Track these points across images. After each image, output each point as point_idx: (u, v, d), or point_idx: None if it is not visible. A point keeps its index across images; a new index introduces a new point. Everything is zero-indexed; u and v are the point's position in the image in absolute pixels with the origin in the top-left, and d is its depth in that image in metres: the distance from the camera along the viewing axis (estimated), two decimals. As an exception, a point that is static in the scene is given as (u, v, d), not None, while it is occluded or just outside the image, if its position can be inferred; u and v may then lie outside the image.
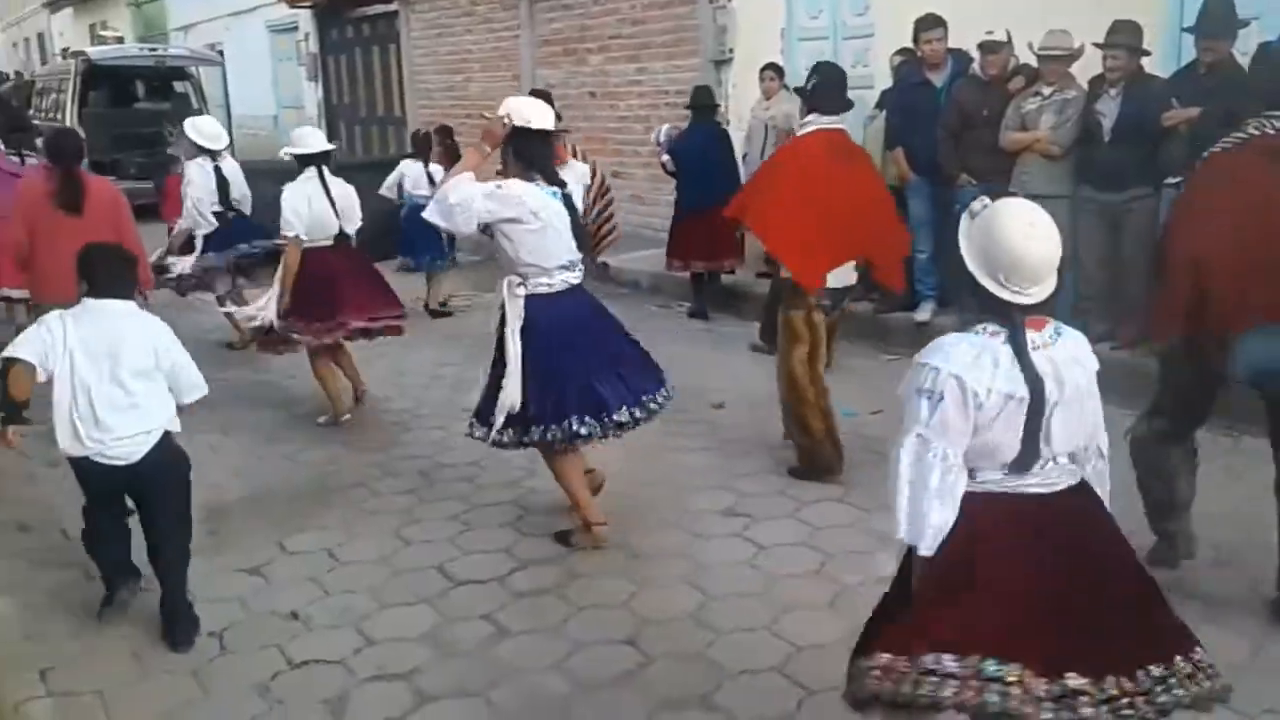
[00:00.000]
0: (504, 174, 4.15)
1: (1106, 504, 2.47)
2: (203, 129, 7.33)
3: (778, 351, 5.01)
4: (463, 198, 3.92)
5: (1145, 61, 6.02)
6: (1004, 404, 2.24)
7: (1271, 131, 3.42)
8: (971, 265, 2.35)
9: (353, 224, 5.95)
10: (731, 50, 9.64)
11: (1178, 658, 2.26)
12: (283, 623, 3.79)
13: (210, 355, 7.28)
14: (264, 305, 5.75)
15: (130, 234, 5.43)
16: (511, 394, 4.02)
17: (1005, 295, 2.29)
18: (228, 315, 7.37)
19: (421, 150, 9.00)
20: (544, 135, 4.13)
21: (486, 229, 4.02)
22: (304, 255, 5.67)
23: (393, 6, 15.15)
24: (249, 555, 4.32)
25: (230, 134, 15.09)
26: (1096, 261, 6.09)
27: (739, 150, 8.52)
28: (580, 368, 4.07)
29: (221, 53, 20.74)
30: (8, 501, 4.93)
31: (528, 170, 4.08)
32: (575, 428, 4.02)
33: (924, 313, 7.04)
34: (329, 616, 3.83)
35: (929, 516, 2.26)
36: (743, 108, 9.32)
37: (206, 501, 4.83)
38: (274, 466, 5.36)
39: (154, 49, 17.63)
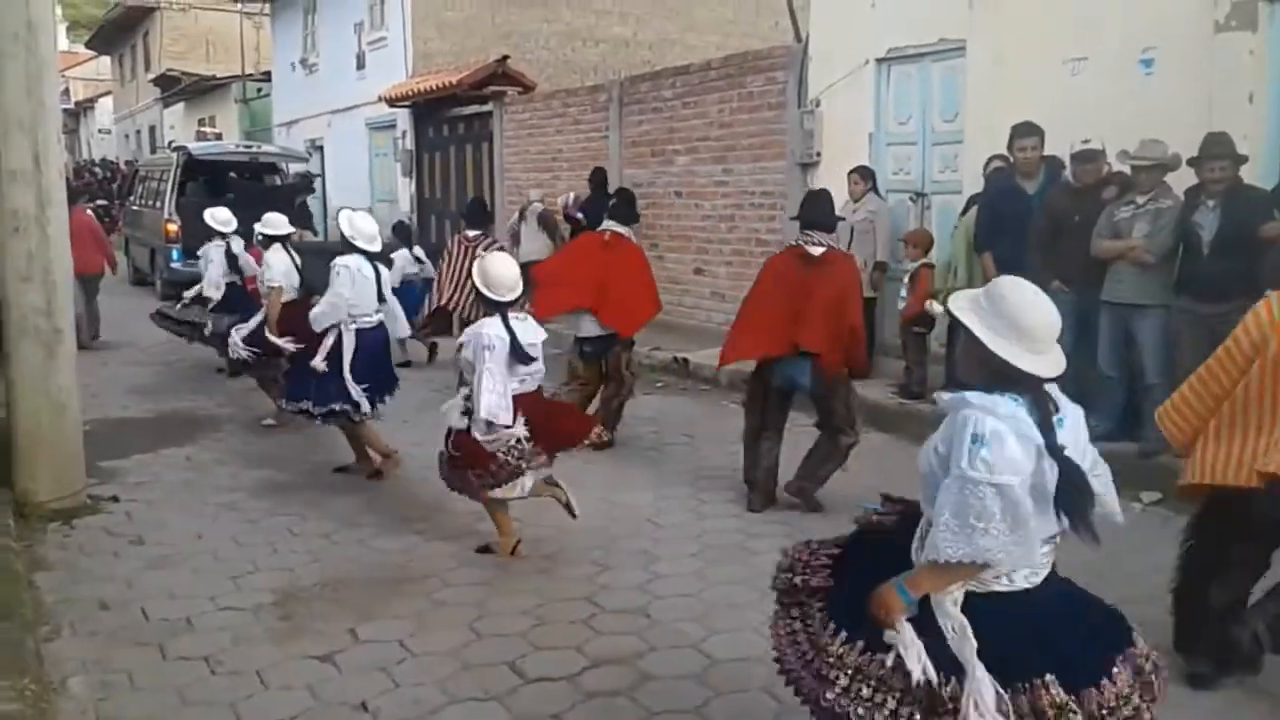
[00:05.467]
0: None
1: None
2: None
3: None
4: None
5: (1244, 171, 5.91)
6: None
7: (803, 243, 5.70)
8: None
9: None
10: (818, 153, 9.71)
11: None
12: (352, 714, 3.74)
13: (293, 442, 7.42)
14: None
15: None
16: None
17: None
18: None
19: (405, 238, 11.48)
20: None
21: None
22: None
23: (487, 107, 15.64)
24: (321, 642, 4.29)
25: (325, 224, 16.05)
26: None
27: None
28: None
29: (321, 148, 21.61)
30: (91, 578, 4.99)
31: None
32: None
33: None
34: (398, 709, 3.76)
35: None
36: (828, 210, 9.35)
37: (282, 586, 4.88)
38: (350, 552, 5.36)
39: (249, 146, 18.51)
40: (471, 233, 9.18)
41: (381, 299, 6.45)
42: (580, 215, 11.77)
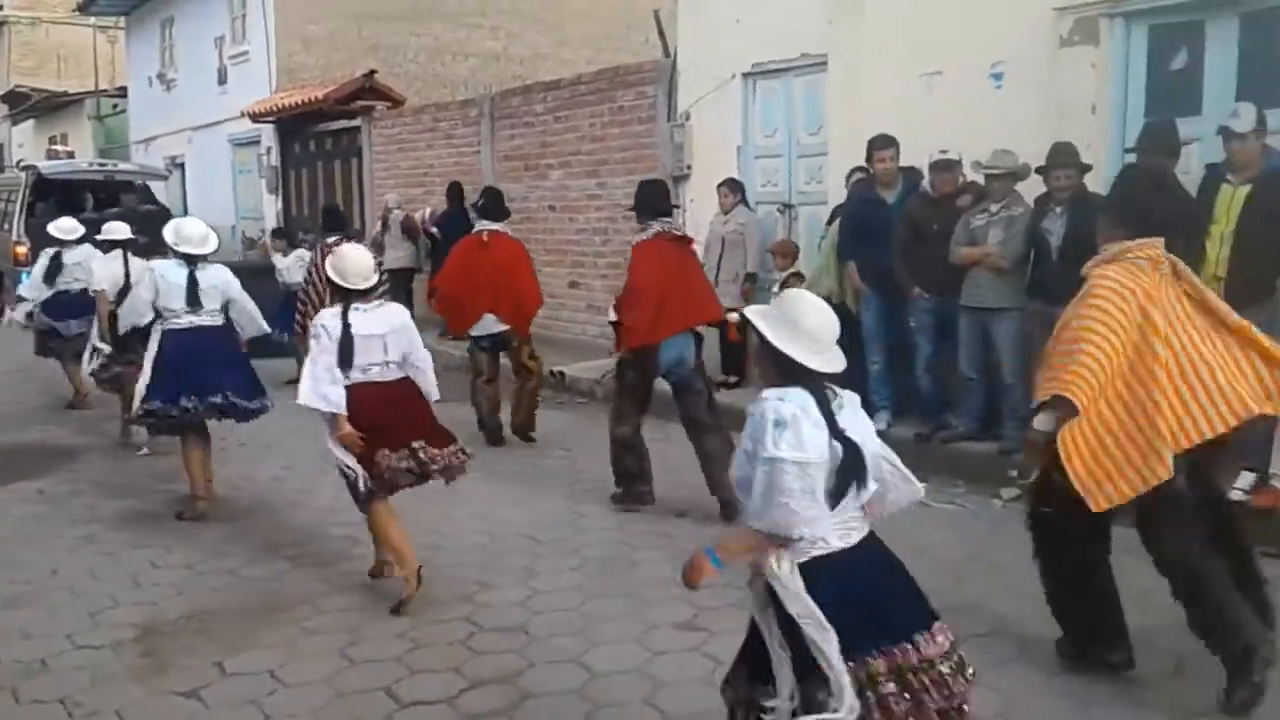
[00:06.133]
0: None
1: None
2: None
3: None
4: None
5: (1088, 179, 6.20)
6: None
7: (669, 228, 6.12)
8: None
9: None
10: (689, 166, 9.82)
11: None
12: (219, 749, 3.61)
13: (155, 469, 7.14)
14: None
15: None
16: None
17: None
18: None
19: (291, 240, 11.51)
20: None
21: None
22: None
23: (355, 122, 15.38)
24: (186, 678, 4.12)
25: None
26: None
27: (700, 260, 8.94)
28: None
29: (182, 165, 20.91)
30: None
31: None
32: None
33: (879, 422, 7.04)
34: (268, 742, 3.65)
35: None
36: (700, 220, 9.46)
37: (144, 621, 4.68)
38: (216, 583, 5.17)
39: (103, 164, 17.79)
40: (331, 239, 9.00)
41: (193, 302, 6.10)
42: (435, 229, 12.13)
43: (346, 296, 4.80)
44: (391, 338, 4.83)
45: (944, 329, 6.74)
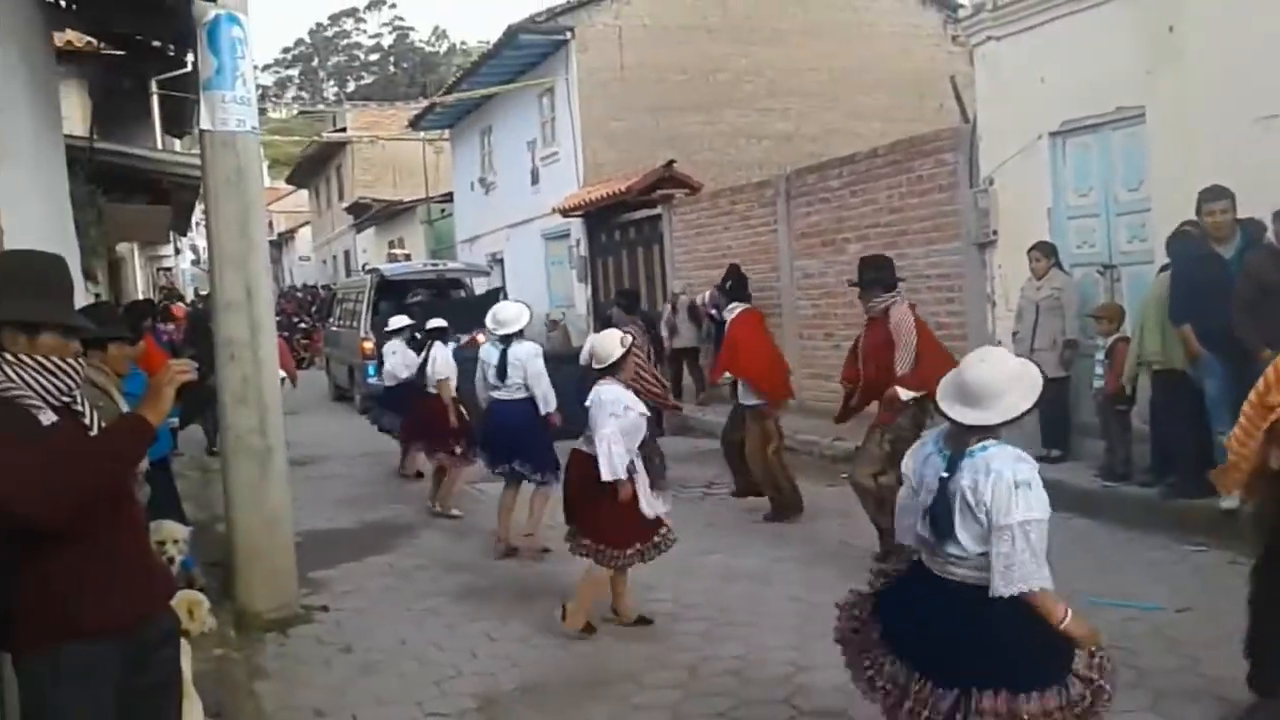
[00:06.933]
0: None
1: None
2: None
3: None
4: None
5: None
6: None
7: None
8: None
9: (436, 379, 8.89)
10: (995, 232, 9.50)
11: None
12: (555, 820, 3.74)
13: (486, 545, 7.62)
14: None
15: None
16: None
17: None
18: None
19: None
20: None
21: None
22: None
23: (656, 210, 16.04)
24: (523, 747, 4.33)
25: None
26: None
27: (1011, 328, 8.56)
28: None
29: (501, 261, 22.57)
30: (306, 686, 5.21)
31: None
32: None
33: (1230, 500, 6.41)
34: (601, 816, 3.75)
35: None
36: (1009, 288, 9.11)
37: (483, 691, 4.97)
38: (546, 656, 5.42)
39: (435, 264, 19.48)
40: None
41: (501, 376, 7.26)
42: (714, 310, 12.47)
43: (596, 375, 5.64)
44: (594, 409, 5.48)
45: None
